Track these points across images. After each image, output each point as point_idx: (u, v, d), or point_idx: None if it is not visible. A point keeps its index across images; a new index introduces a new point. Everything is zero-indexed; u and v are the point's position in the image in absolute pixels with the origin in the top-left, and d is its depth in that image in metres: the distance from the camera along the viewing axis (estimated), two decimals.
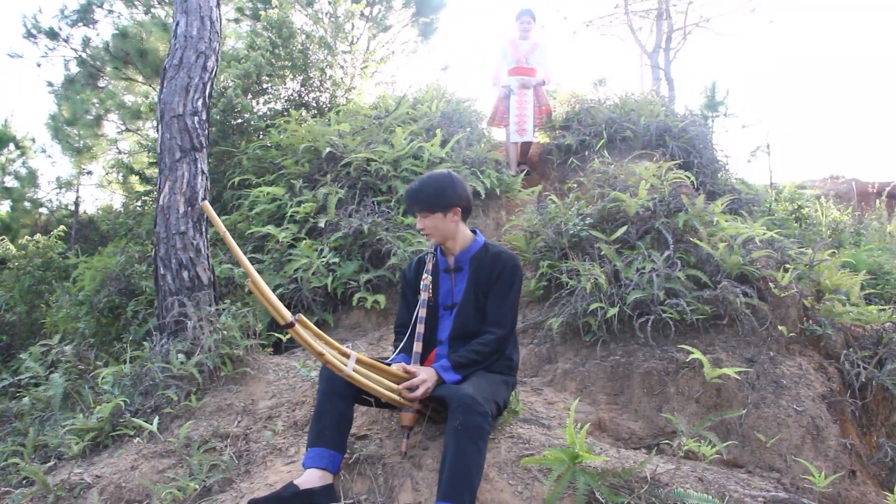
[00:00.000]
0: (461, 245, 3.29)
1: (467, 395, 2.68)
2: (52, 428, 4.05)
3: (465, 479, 2.55)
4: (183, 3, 5.25)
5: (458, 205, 3.21)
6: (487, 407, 2.70)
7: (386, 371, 2.95)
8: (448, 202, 3.18)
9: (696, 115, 8.93)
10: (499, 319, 3.15)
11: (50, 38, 12.69)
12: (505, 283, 3.16)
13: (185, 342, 4.36)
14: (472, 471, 2.58)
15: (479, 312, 3.21)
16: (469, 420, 2.62)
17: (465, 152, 6.93)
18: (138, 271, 6.26)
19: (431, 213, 3.18)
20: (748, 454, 3.69)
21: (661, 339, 4.29)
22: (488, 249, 3.28)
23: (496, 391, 3.01)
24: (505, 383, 3.15)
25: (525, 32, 8.05)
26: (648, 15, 16.33)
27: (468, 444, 2.59)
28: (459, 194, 3.21)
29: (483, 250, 3.28)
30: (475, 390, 2.74)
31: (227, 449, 3.47)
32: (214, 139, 7.64)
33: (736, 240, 4.67)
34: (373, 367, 2.91)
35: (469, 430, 2.61)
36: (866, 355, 4.37)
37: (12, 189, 13.96)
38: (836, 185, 12.45)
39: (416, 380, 2.92)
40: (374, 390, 2.85)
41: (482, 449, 2.63)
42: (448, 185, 3.21)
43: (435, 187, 3.20)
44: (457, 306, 3.27)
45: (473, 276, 3.23)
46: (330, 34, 9.76)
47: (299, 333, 2.61)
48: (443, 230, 3.22)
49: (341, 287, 5.44)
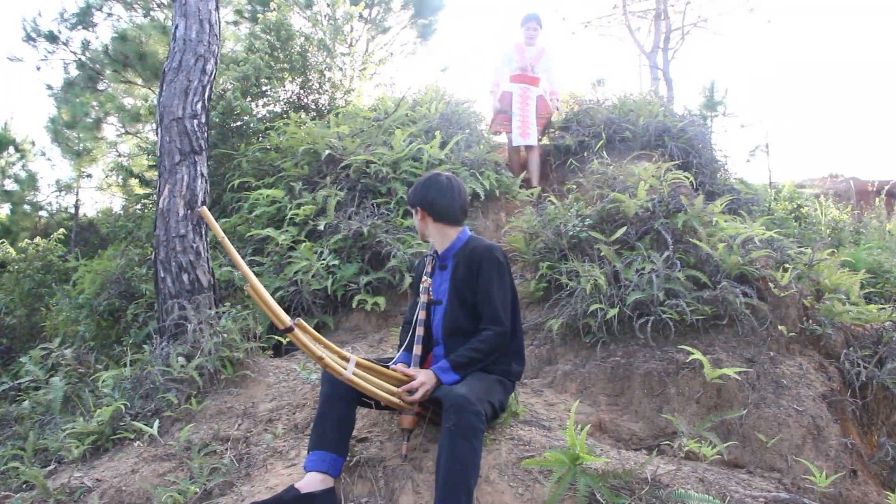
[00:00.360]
0: (442, 243, 3.32)
1: (459, 395, 2.68)
2: (52, 431, 4.05)
3: (461, 479, 2.55)
4: (182, 7, 5.25)
5: (421, 206, 3.28)
6: (480, 406, 2.70)
7: (386, 374, 2.96)
8: (413, 202, 3.33)
9: (694, 115, 8.92)
10: (492, 315, 3.13)
11: (49, 42, 12.70)
12: (484, 277, 3.15)
13: (185, 345, 4.36)
14: (468, 470, 2.58)
15: (467, 309, 3.20)
16: (462, 420, 2.62)
17: (465, 154, 6.92)
18: (138, 274, 6.26)
19: (412, 210, 3.36)
20: (749, 454, 3.69)
21: (661, 339, 4.29)
22: (468, 244, 3.28)
23: (490, 391, 3.00)
24: (500, 384, 3.14)
25: (531, 39, 7.90)
26: (647, 15, 16.33)
27: (462, 443, 2.59)
28: (423, 197, 3.28)
29: (464, 246, 3.29)
30: (467, 390, 2.74)
31: (227, 452, 3.47)
32: (214, 142, 7.64)
33: (735, 240, 4.67)
34: (372, 370, 2.92)
35: (462, 430, 2.61)
36: (866, 354, 4.36)
37: (12, 192, 13.98)
38: (835, 184, 12.45)
39: (415, 382, 2.93)
40: (374, 394, 2.85)
41: (477, 448, 2.63)
42: (418, 187, 3.32)
43: (413, 186, 3.36)
44: (442, 303, 3.29)
45: (454, 272, 3.25)
46: (329, 36, 9.76)
47: (298, 338, 2.61)
48: (419, 228, 3.38)
49: (341, 289, 5.44)
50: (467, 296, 3.19)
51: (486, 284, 3.15)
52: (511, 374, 3.22)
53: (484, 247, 3.23)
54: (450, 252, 3.30)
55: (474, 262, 3.18)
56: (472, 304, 3.19)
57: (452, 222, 3.30)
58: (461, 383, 2.90)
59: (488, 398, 2.93)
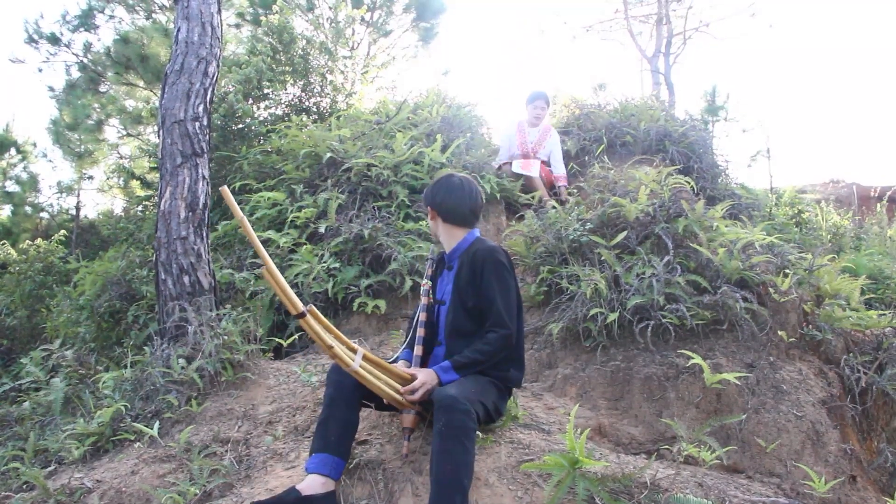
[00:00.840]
0: (450, 243, 3.36)
1: (448, 396, 2.69)
2: (52, 433, 4.05)
3: (454, 480, 2.55)
4: (184, 9, 5.27)
5: (432, 206, 3.36)
6: (470, 406, 2.69)
7: (390, 370, 2.97)
8: (425, 201, 3.43)
9: (696, 119, 8.94)
10: (496, 318, 3.10)
11: (51, 44, 12.71)
12: (486, 279, 3.14)
13: (185, 347, 4.36)
14: (461, 470, 2.58)
15: (468, 311, 3.20)
16: (451, 419, 2.62)
17: (466, 157, 6.93)
18: (139, 276, 6.26)
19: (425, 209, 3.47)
20: (748, 459, 3.69)
21: (661, 344, 4.29)
22: (473, 246, 3.29)
23: (483, 392, 2.99)
24: (494, 386, 3.12)
25: (537, 119, 7.48)
26: (648, 20, 16.37)
27: (453, 443, 2.59)
28: (434, 196, 3.35)
29: (469, 247, 3.29)
30: (458, 390, 2.74)
31: (227, 454, 3.48)
32: (215, 144, 7.65)
33: (736, 245, 4.67)
34: (378, 365, 2.94)
35: (452, 430, 2.61)
36: (866, 360, 4.37)
37: (13, 193, 13.99)
38: (836, 190, 12.44)
39: (416, 382, 2.93)
40: (378, 388, 2.86)
41: (469, 448, 2.63)
42: (431, 186, 3.42)
43: (428, 186, 3.46)
44: (446, 304, 3.30)
45: (458, 273, 3.26)
46: (331, 39, 9.79)
47: (310, 324, 2.63)
48: (432, 228, 3.47)
49: (342, 292, 5.44)
50: (470, 297, 3.19)
51: (488, 287, 3.13)
52: (509, 380, 3.21)
53: (487, 248, 3.22)
54: (456, 253, 3.32)
55: (477, 264, 3.18)
56: (475, 305, 3.18)
57: (461, 223, 3.32)
58: (453, 384, 2.89)
59: (480, 398, 2.91)
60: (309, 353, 5.08)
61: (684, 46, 15.51)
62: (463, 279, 3.21)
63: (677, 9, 15.57)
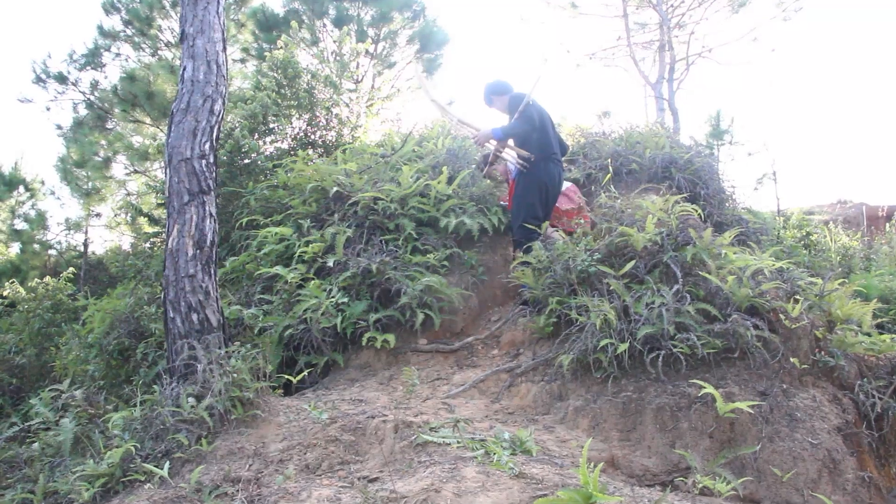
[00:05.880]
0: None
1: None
2: (62, 474, 4.03)
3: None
4: (190, 49, 5.32)
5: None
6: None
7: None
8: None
9: (701, 145, 8.97)
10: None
11: (59, 82, 12.90)
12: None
13: (195, 385, 4.35)
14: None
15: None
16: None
17: (472, 189, 6.95)
18: (147, 313, 6.27)
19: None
20: (764, 489, 3.64)
21: (673, 373, 4.26)
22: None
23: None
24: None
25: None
26: (651, 46, 16.48)
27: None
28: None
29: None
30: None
31: (238, 493, 3.45)
32: (222, 180, 7.70)
33: (745, 272, 4.66)
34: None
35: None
36: (881, 385, 4.33)
37: (22, 231, 14.10)
38: (844, 210, 12.43)
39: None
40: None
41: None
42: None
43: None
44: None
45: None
46: (335, 73, 9.87)
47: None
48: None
49: (350, 327, 5.43)
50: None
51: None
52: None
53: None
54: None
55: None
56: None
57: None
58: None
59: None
60: (318, 389, 5.06)
61: (687, 72, 15.61)
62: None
63: (679, 35, 15.67)
